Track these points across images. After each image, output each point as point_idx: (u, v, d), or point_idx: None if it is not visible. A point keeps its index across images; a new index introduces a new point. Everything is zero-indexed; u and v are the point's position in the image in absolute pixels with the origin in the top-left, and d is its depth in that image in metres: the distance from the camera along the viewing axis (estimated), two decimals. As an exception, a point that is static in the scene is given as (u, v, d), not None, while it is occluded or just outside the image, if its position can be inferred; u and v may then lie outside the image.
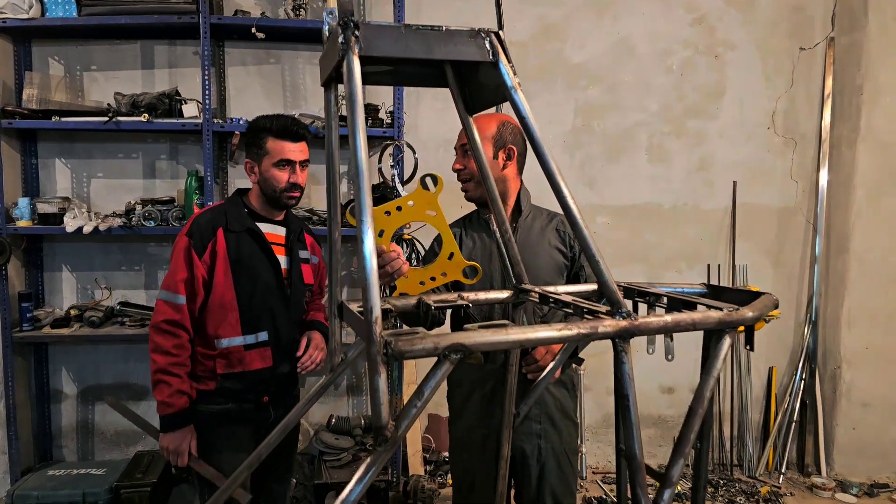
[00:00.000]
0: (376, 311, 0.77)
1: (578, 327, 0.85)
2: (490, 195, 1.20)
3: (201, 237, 1.86)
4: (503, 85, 0.92)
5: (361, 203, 0.79)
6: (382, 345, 0.76)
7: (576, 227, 0.90)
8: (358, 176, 0.80)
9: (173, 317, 1.82)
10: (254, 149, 1.94)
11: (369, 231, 0.78)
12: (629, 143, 3.42)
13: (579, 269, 1.83)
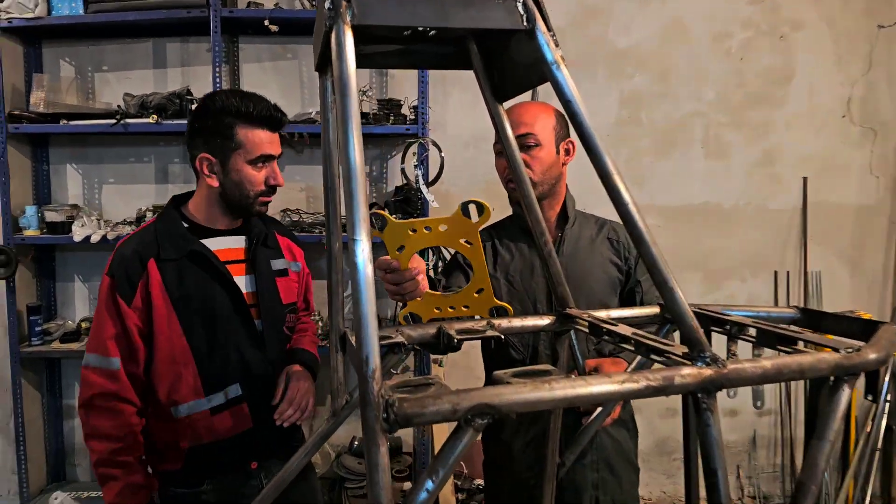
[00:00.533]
0: (373, 360, 0.59)
1: (647, 379, 0.66)
2: (526, 201, 1.01)
3: (126, 276, 1.42)
4: (541, 60, 0.73)
5: (355, 215, 0.61)
6: (383, 406, 0.58)
7: (641, 242, 0.70)
8: (350, 180, 0.63)
9: (108, 388, 1.40)
10: (216, 139, 1.45)
11: (364, 250, 0.61)
12: (682, 136, 3.17)
13: (635, 284, 1.61)
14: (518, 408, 0.62)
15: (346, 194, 0.61)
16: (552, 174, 1.54)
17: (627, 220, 0.71)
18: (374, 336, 0.60)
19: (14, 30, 2.72)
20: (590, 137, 0.72)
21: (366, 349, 0.59)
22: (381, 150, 3.01)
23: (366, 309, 0.60)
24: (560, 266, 1.04)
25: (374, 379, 0.59)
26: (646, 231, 0.70)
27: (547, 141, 1.52)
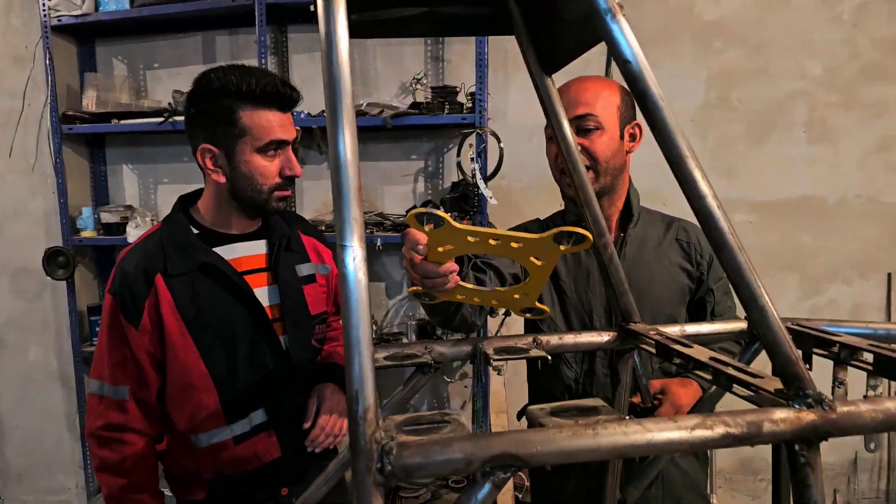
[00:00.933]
0: (366, 396, 0.50)
1: (727, 424, 0.53)
2: (583, 195, 0.88)
3: (131, 295, 1.30)
4: (595, 13, 0.61)
5: (344, 215, 0.51)
6: (377, 454, 0.49)
7: (723, 247, 0.56)
8: (340, 172, 0.53)
9: (115, 419, 1.31)
10: (217, 126, 1.29)
11: (357, 258, 0.51)
12: (780, 118, 2.88)
13: (706, 293, 1.43)
14: (552, 459, 0.51)
15: (335, 190, 0.51)
16: (615, 164, 1.36)
17: (705, 218, 0.57)
18: (367, 366, 0.50)
19: (66, 28, 2.81)
20: (657, 111, 0.59)
21: (355, 383, 0.49)
22: (436, 143, 2.92)
23: (358, 333, 0.50)
24: (622, 273, 0.91)
25: (367, 420, 0.49)
26: (729, 233, 0.57)
27: (610, 124, 1.34)
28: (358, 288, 0.50)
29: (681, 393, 1.27)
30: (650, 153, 2.34)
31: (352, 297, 0.50)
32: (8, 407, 3.14)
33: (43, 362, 3.08)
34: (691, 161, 0.55)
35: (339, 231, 0.50)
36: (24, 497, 3.21)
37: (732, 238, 0.55)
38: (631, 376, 0.98)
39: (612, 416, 0.57)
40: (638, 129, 1.40)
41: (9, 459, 3.19)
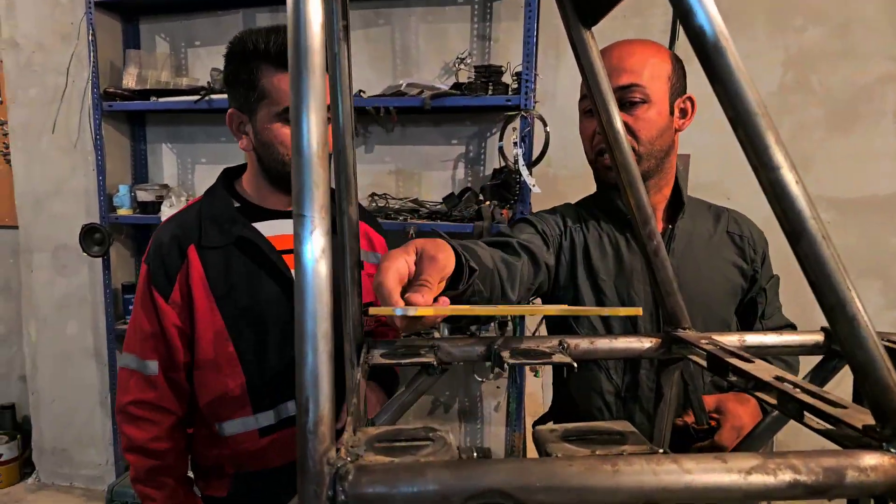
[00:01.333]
0: (321, 407, 0.40)
1: (796, 470, 0.40)
2: (628, 178, 0.75)
3: (163, 265, 1.26)
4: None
5: (303, 178, 0.41)
6: (329, 479, 0.39)
7: (804, 237, 0.41)
8: (298, 125, 0.42)
9: (145, 396, 1.27)
10: (241, 89, 1.25)
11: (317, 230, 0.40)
12: (867, 106, 2.61)
13: (758, 293, 1.26)
14: (553, 500, 0.39)
15: (294, 145, 0.40)
16: (662, 144, 1.18)
17: (779, 196, 0.42)
18: (323, 367, 0.40)
19: (110, 5, 2.83)
20: (732, 81, 0.44)
21: (306, 387, 0.39)
22: (479, 127, 2.79)
23: (313, 325, 0.40)
24: (671, 269, 0.78)
25: (318, 435, 0.39)
26: (811, 217, 0.42)
27: (658, 96, 1.16)
28: (316, 267, 0.40)
29: (740, 412, 1.10)
30: (712, 141, 2.17)
31: (306, 279, 0.39)
32: (45, 381, 3.22)
33: (79, 338, 3.13)
34: (761, 120, 0.41)
35: (295, 197, 0.40)
36: (59, 470, 3.28)
37: (815, 223, 0.41)
38: (676, 391, 0.84)
39: (640, 448, 0.45)
40: (690, 104, 1.23)
41: (44, 433, 3.27)
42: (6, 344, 3.49)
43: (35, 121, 3.01)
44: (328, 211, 0.40)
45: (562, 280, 1.22)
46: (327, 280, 0.40)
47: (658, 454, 0.42)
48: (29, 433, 3.32)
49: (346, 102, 0.74)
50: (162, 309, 1.26)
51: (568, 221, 1.26)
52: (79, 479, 3.26)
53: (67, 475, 3.27)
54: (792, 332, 0.72)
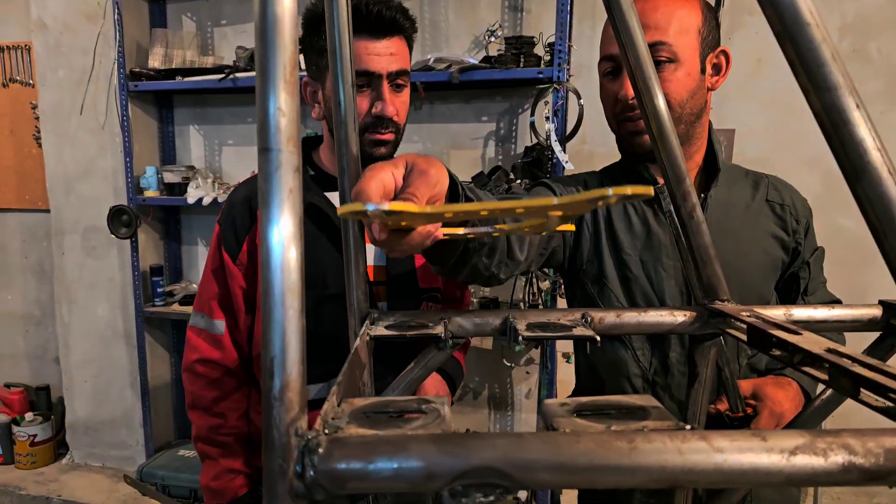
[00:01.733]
0: (289, 371, 0.36)
1: (850, 451, 0.34)
2: (658, 126, 0.69)
3: (233, 225, 1.29)
4: None
5: (268, 104, 0.36)
6: (297, 453, 0.35)
7: (885, 202, 0.35)
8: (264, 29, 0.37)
9: (211, 354, 1.31)
10: (312, 57, 1.25)
11: (284, 166, 0.36)
12: (928, 77, 2.47)
13: (800, 267, 1.16)
14: (558, 481, 0.34)
15: (258, 57, 0.36)
16: (693, 107, 1.08)
17: (857, 162, 0.36)
18: (293, 326, 0.35)
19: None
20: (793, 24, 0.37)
21: (272, 348, 0.35)
22: (510, 102, 2.72)
23: (279, 276, 0.35)
24: (707, 234, 0.72)
25: (284, 402, 0.35)
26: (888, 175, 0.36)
27: (687, 54, 1.05)
28: (282, 214, 0.35)
29: (780, 397, 1.02)
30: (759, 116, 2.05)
31: (271, 228, 0.35)
32: (77, 362, 3.28)
33: (110, 319, 3.19)
34: (815, 31, 0.35)
35: (259, 128, 0.35)
36: (91, 451, 3.36)
37: (879, 157, 0.34)
38: (713, 373, 0.78)
39: (665, 423, 0.39)
40: (724, 58, 1.11)
41: (77, 413, 3.34)
42: (42, 325, 3.58)
43: (64, 102, 3.05)
44: (297, 144, 0.35)
45: (585, 253, 1.15)
46: (297, 227, 0.36)
47: (684, 430, 0.36)
48: (63, 414, 3.41)
49: (346, 54, 0.69)
50: (229, 269, 1.28)
51: (591, 188, 1.17)
52: (111, 459, 3.34)
53: (100, 455, 3.35)
54: (845, 306, 0.65)
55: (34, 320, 3.60)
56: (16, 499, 3.12)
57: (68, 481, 3.22)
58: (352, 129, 0.71)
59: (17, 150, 3.40)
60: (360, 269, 0.74)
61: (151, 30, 2.95)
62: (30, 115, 3.36)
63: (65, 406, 3.38)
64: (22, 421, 3.33)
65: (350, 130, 0.70)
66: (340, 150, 0.70)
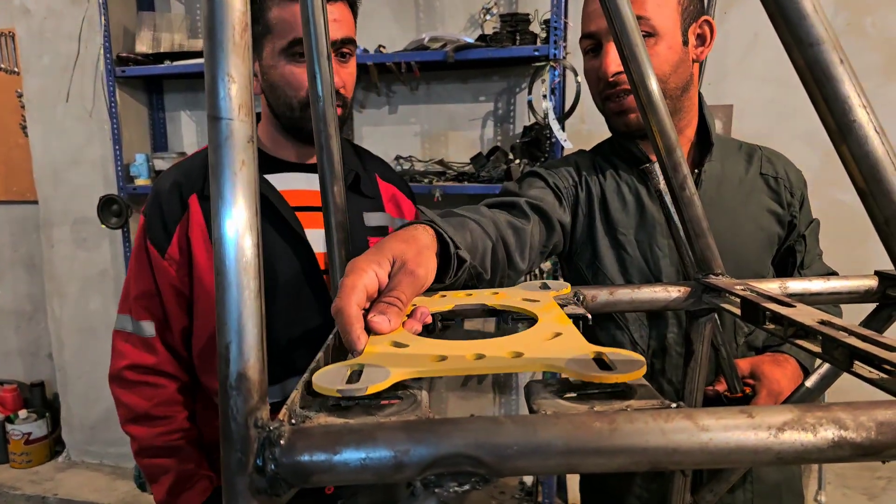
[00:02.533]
0: (247, 356, 0.35)
1: (841, 425, 0.33)
2: (646, 94, 0.68)
3: (161, 216, 1.17)
4: None
5: (216, 66, 0.34)
6: (257, 444, 0.34)
7: (871, 161, 0.34)
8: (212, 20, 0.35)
9: (142, 359, 1.19)
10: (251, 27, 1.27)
11: (236, 134, 0.34)
12: (928, 49, 2.45)
13: (796, 240, 1.16)
14: (535, 467, 0.33)
15: (205, 16, 0.34)
16: (678, 80, 1.07)
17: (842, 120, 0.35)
18: (249, 307, 0.34)
19: (120, -35, 2.80)
20: None
21: (228, 332, 0.34)
22: (507, 82, 2.70)
23: (233, 256, 0.34)
24: (700, 207, 0.70)
25: (242, 391, 0.34)
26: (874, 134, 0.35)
27: (667, 27, 1.05)
28: (234, 187, 0.34)
29: (777, 375, 1.02)
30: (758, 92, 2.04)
31: (225, 201, 0.34)
32: (71, 358, 3.27)
33: (103, 313, 3.18)
34: (854, 91, 0.33)
35: (208, 92, 0.34)
36: (88, 448, 3.35)
37: (864, 114, 0.33)
38: (709, 350, 0.77)
39: (650, 403, 0.38)
40: (708, 28, 1.11)
41: (73, 409, 3.33)
42: (34, 321, 3.56)
43: (50, 90, 3.03)
44: (250, 113, 0.34)
45: (578, 235, 1.15)
46: (251, 200, 0.34)
47: (669, 409, 0.35)
48: (58, 411, 3.39)
49: (322, 44, 0.67)
50: (157, 264, 1.18)
51: (582, 171, 1.17)
52: (108, 457, 3.33)
53: (96, 453, 3.34)
54: (841, 278, 0.64)
55: (26, 315, 3.58)
56: (10, 499, 3.10)
57: (65, 480, 3.21)
58: (329, 104, 0.69)
59: (3, 140, 3.39)
60: (343, 255, 0.72)
61: (138, 13, 2.91)
62: (15, 104, 3.33)
63: (60, 403, 3.37)
64: (16, 419, 3.32)
65: (327, 105, 0.68)
66: (318, 127, 0.69)
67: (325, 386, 0.38)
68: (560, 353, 0.43)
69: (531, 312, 0.56)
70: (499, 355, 0.43)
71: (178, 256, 1.17)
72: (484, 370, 0.42)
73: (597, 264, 1.13)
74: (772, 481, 1.16)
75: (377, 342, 0.48)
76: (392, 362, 0.42)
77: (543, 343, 0.46)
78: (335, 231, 0.73)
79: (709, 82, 2.48)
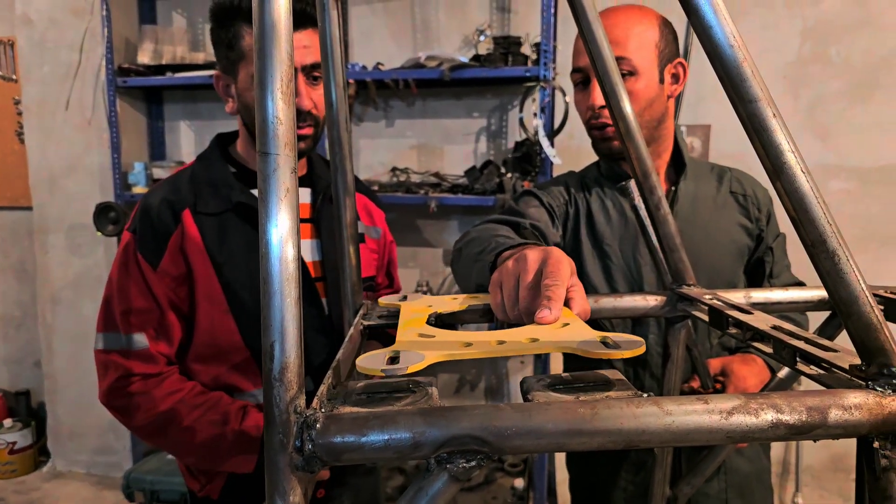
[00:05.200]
0: (288, 353, 0.41)
1: (778, 410, 0.41)
2: (625, 126, 0.76)
3: (152, 230, 1.18)
4: None
5: (266, 112, 0.41)
6: (296, 429, 0.40)
7: (800, 195, 0.42)
8: (263, 40, 0.42)
9: (142, 369, 1.18)
10: (222, 51, 1.23)
11: (282, 167, 0.41)
12: (886, 76, 2.57)
13: (764, 252, 1.29)
14: (531, 446, 0.41)
15: (258, 73, 0.41)
16: (653, 113, 1.21)
17: (766, 145, 0.43)
18: (290, 311, 0.40)
19: (124, -22, 2.86)
20: (706, 12, 0.44)
21: (272, 333, 0.40)
22: (500, 99, 2.80)
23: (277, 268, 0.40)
24: (673, 224, 0.79)
25: (284, 382, 0.40)
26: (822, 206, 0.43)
27: (645, 66, 1.18)
28: (280, 208, 0.40)
29: (745, 373, 1.14)
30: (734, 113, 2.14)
31: (271, 221, 0.40)
32: (61, 365, 3.25)
33: (95, 319, 3.18)
34: (737, 52, 0.42)
35: (259, 133, 0.41)
36: (75, 457, 3.31)
37: (793, 157, 0.42)
38: (684, 352, 0.85)
39: (624, 393, 0.46)
40: (681, 68, 1.25)
41: (60, 418, 3.30)
42: (22, 328, 3.53)
43: (49, 98, 3.07)
44: (293, 149, 0.41)
45: (565, 247, 1.26)
46: (293, 222, 0.41)
47: (639, 398, 0.43)
48: (44, 420, 3.34)
49: (337, 55, 0.75)
50: (150, 278, 1.17)
51: (571, 189, 1.30)
52: (95, 466, 3.30)
53: (84, 462, 3.31)
54: (798, 288, 0.73)
55: (14, 322, 3.55)
56: (-5, 510, 3.06)
57: (51, 490, 3.15)
58: (343, 129, 0.76)
59: (-1, 146, 3.41)
60: (354, 262, 0.79)
61: (140, 26, 2.98)
62: (12, 111, 3.37)
63: (46, 411, 3.31)
64: (0, 428, 3.27)
65: (342, 130, 0.76)
66: (333, 150, 0.76)
67: (369, 367, 0.45)
68: (571, 337, 0.51)
69: None
70: (518, 340, 0.51)
71: (172, 271, 1.19)
72: (507, 353, 0.50)
73: (581, 273, 1.24)
74: (743, 473, 1.26)
75: (405, 334, 0.56)
76: (424, 347, 0.50)
77: (556, 330, 0.54)
78: (347, 242, 0.80)
79: (688, 104, 2.59)
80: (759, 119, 0.41)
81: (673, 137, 1.29)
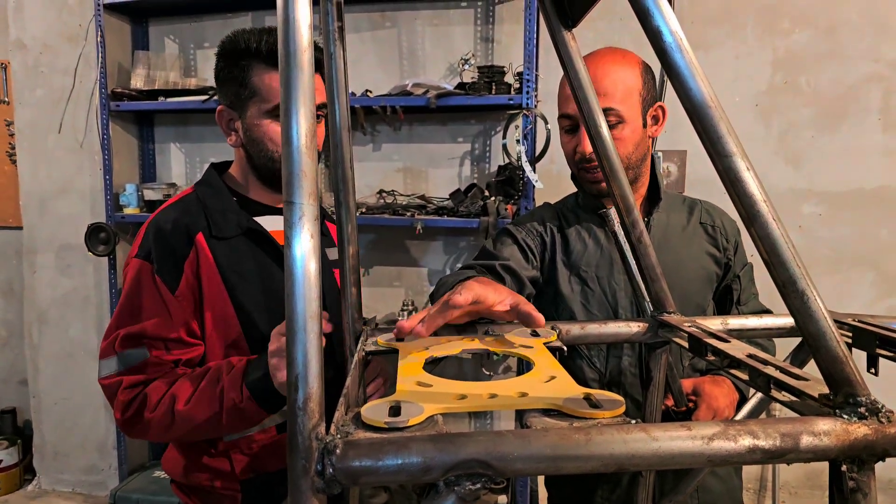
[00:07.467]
0: (311, 385, 0.43)
1: (755, 436, 0.44)
2: (610, 166, 0.80)
3: (171, 253, 1.19)
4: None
5: (292, 167, 0.44)
6: (318, 454, 0.42)
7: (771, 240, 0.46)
8: (288, 115, 0.45)
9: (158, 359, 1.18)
10: (231, 87, 1.26)
11: (306, 216, 0.44)
12: (854, 105, 2.67)
13: (732, 279, 1.34)
14: (531, 469, 0.44)
15: (284, 134, 0.44)
16: (639, 155, 1.27)
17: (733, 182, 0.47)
18: (313, 346, 0.43)
19: (119, 6, 2.88)
20: (686, 76, 0.48)
21: (297, 366, 0.42)
22: (483, 125, 2.85)
23: (302, 306, 0.43)
24: (654, 256, 0.82)
25: (307, 411, 0.42)
26: (762, 200, 0.47)
27: (631, 114, 1.23)
28: (305, 252, 0.43)
29: (716, 393, 1.18)
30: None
31: (295, 262, 0.43)
32: (47, 384, 3.22)
33: (83, 339, 3.16)
34: (714, 111, 0.45)
35: (285, 185, 0.43)
36: (60, 476, 3.27)
37: (766, 206, 0.45)
38: (665, 375, 0.88)
39: (615, 419, 0.48)
40: (661, 111, 1.31)
41: (45, 437, 3.26)
42: (8, 347, 3.49)
43: (41, 121, 3.06)
44: (316, 199, 0.44)
45: (543, 278, 1.31)
46: (316, 263, 0.43)
47: (629, 424, 0.45)
48: (30, 438, 3.30)
49: (343, 100, 0.78)
50: (169, 302, 1.17)
51: (547, 222, 1.35)
52: (81, 485, 3.25)
53: (69, 481, 3.27)
54: (771, 316, 0.76)
55: (0, 341, 3.52)
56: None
57: None
58: (348, 167, 0.79)
59: (-11, 168, 3.38)
60: (354, 290, 0.82)
61: (134, 52, 2.99)
62: (4, 133, 3.35)
63: (32, 430, 3.28)
64: None
65: (346, 168, 0.78)
66: (338, 187, 0.79)
67: (373, 419, 0.48)
68: (557, 393, 0.55)
69: (528, 357, 0.68)
70: (508, 395, 0.55)
71: (188, 293, 1.19)
72: (498, 407, 0.54)
73: (557, 301, 1.29)
74: (716, 492, 1.30)
75: (405, 382, 0.59)
76: (422, 399, 0.53)
77: (542, 385, 0.58)
78: (349, 272, 0.82)
79: (665, 130, 2.64)
80: (734, 172, 0.45)
81: (650, 172, 1.34)
